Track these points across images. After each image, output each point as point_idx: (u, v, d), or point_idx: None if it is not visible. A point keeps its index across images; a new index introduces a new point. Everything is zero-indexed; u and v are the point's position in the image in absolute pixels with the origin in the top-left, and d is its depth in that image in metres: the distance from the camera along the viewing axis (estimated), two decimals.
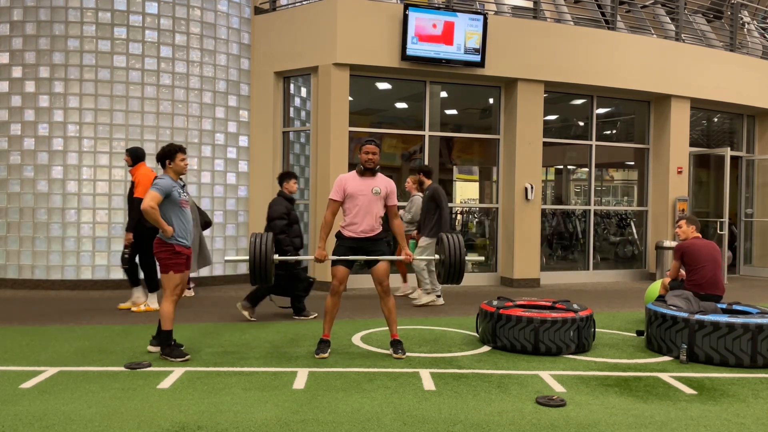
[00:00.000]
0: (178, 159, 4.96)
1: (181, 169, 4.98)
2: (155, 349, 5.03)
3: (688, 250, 5.73)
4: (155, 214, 4.74)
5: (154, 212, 4.73)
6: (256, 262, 4.81)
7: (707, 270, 5.61)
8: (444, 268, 4.98)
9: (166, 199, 4.82)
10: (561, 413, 3.75)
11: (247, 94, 9.63)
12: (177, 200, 4.90)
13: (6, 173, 8.67)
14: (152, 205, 4.73)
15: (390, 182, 5.08)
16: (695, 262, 5.66)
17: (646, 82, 10.27)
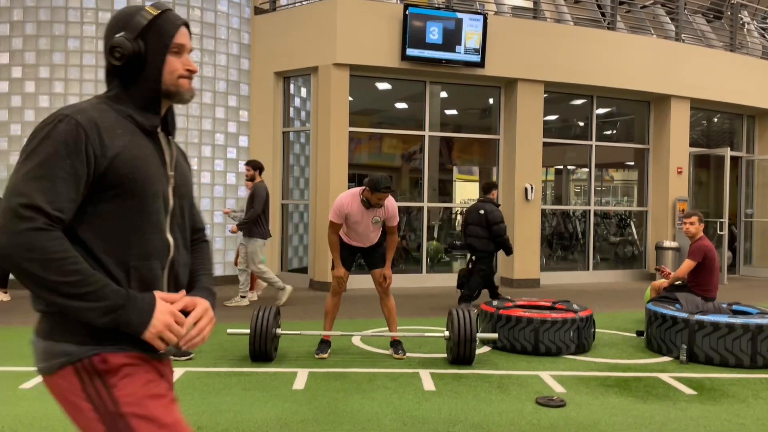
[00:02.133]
0: None
1: None
2: None
3: (711, 253, 5.56)
4: None
5: None
6: (257, 335, 4.71)
7: (716, 274, 5.69)
8: (452, 345, 4.73)
9: None
10: (561, 413, 3.75)
11: (247, 94, 9.63)
12: None
13: (6, 173, 8.67)
14: None
15: (391, 208, 4.89)
16: (711, 266, 5.62)
17: (646, 82, 10.27)
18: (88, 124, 1.32)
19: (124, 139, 1.37)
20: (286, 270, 9.62)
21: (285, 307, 7.18)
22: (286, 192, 9.70)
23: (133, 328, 1.29)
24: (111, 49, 1.39)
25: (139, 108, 1.43)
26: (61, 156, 1.27)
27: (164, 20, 1.44)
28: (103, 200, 1.34)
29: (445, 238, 10.68)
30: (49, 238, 1.21)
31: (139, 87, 1.43)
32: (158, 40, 1.43)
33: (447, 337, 4.84)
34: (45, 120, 1.33)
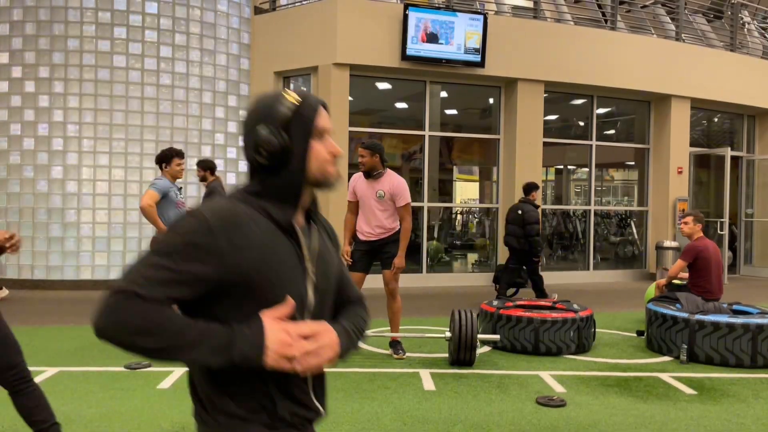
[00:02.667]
0: (174, 163, 5.04)
1: (176, 173, 5.07)
2: None
3: (703, 254, 5.52)
4: (153, 212, 4.83)
5: (151, 210, 4.82)
6: None
7: (713, 275, 5.55)
8: (453, 346, 4.72)
9: (163, 198, 4.92)
10: (561, 413, 3.74)
11: (246, 94, 9.63)
12: (174, 200, 4.98)
13: (6, 173, 8.67)
14: (150, 203, 4.82)
15: (396, 183, 4.93)
16: (706, 267, 5.52)
17: (646, 82, 10.27)
18: (218, 223, 1.24)
19: (257, 239, 1.28)
20: None
21: None
22: None
23: (252, 359, 1.21)
24: (256, 147, 1.31)
25: (277, 202, 1.34)
26: (180, 250, 1.22)
27: (305, 107, 1.36)
28: (228, 301, 1.27)
29: (445, 238, 10.68)
30: (141, 309, 1.18)
31: (282, 179, 1.34)
32: (302, 129, 1.35)
33: (448, 338, 4.83)
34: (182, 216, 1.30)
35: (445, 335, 4.88)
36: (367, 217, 5.00)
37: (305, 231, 1.41)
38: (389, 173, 4.99)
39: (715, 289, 5.55)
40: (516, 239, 7.53)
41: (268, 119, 1.33)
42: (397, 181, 4.94)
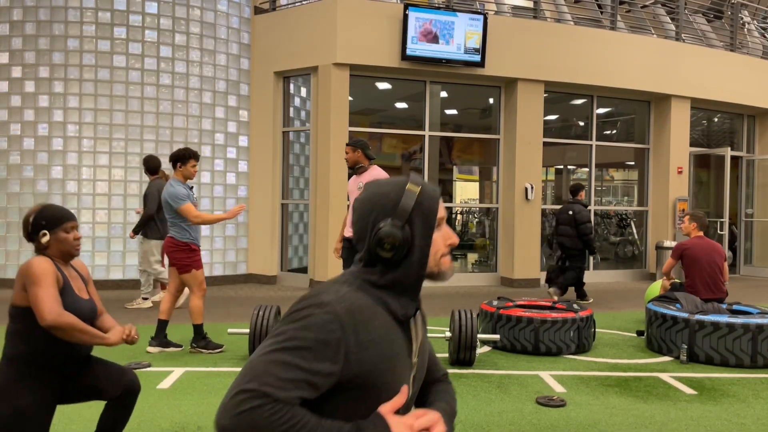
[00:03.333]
0: (189, 164, 5.07)
1: (189, 174, 5.10)
2: (154, 350, 5.06)
3: (688, 251, 5.64)
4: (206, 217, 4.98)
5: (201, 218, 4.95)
6: (257, 335, 4.71)
7: (704, 273, 5.55)
8: (453, 346, 4.72)
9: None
10: (561, 413, 3.74)
11: (246, 94, 9.63)
12: (194, 203, 5.07)
13: (6, 173, 8.67)
14: (195, 214, 4.93)
15: (376, 175, 4.98)
16: (692, 263, 5.60)
17: (646, 82, 10.27)
18: (348, 319, 1.22)
19: (378, 334, 1.26)
20: (286, 270, 9.62)
21: (285, 307, 7.17)
22: (285, 192, 9.70)
23: None
24: (379, 241, 1.28)
25: (397, 294, 1.32)
26: (310, 347, 1.18)
27: (426, 197, 1.32)
28: (339, 397, 1.25)
29: None
30: (271, 414, 1.14)
31: (402, 273, 1.31)
32: (424, 221, 1.32)
33: (448, 338, 4.83)
34: (304, 301, 1.24)
35: (445, 335, 4.88)
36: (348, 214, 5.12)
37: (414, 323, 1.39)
38: (373, 168, 5.11)
39: (702, 288, 5.53)
40: (569, 239, 7.81)
41: (390, 211, 1.31)
42: (377, 174, 5.02)
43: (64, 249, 2.51)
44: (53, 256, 2.51)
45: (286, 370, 1.16)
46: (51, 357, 2.41)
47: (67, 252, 2.52)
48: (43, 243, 2.47)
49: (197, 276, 5.00)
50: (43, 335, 2.39)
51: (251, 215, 9.59)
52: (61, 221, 2.49)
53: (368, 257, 1.33)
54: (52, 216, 2.48)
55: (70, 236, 2.50)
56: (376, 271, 1.32)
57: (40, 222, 2.48)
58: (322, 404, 1.24)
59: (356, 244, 1.36)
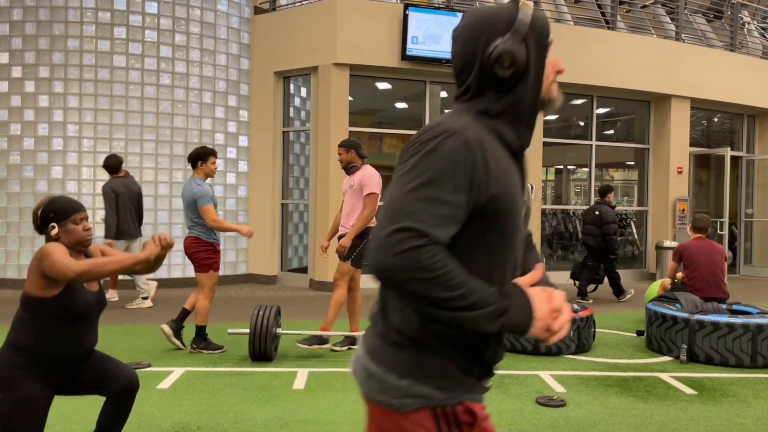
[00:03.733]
0: (209, 162, 5.16)
1: (211, 171, 5.18)
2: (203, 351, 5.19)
3: (686, 252, 5.76)
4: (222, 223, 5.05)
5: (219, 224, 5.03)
6: (257, 335, 4.73)
7: (704, 272, 5.61)
8: None
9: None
10: (561, 413, 3.74)
11: (247, 94, 9.63)
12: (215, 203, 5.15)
13: (6, 173, 8.67)
14: (214, 218, 4.99)
15: (366, 174, 5.07)
16: (692, 263, 5.69)
17: (646, 82, 10.27)
18: (477, 145, 1.16)
19: (502, 164, 1.21)
20: (286, 270, 9.62)
21: (285, 307, 7.18)
22: (285, 192, 9.70)
23: (521, 326, 1.16)
24: (498, 58, 1.19)
25: (511, 123, 1.25)
26: (450, 178, 1.13)
27: (539, 18, 1.24)
28: (474, 228, 1.21)
29: None
30: (431, 256, 1.10)
31: (516, 97, 1.24)
32: (538, 41, 1.24)
33: None
34: (429, 131, 1.17)
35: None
36: (345, 211, 5.18)
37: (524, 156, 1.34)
38: (365, 167, 5.17)
39: (702, 287, 5.61)
40: (593, 238, 8.01)
41: (507, 29, 1.21)
42: (367, 172, 5.10)
43: (74, 240, 2.52)
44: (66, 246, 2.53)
45: (434, 205, 1.12)
46: (56, 349, 2.43)
47: (77, 243, 2.53)
48: (53, 236, 2.50)
49: (212, 277, 5.07)
50: (51, 327, 2.41)
51: (251, 215, 9.59)
52: (68, 213, 2.51)
53: (478, 85, 1.25)
54: (60, 208, 2.51)
55: (79, 227, 2.53)
56: (488, 99, 1.24)
57: (48, 215, 2.50)
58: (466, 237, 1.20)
59: (459, 75, 1.28)
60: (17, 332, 2.44)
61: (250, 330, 4.71)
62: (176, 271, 8.98)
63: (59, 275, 2.33)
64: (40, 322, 2.42)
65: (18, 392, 2.36)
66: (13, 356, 2.41)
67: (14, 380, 2.37)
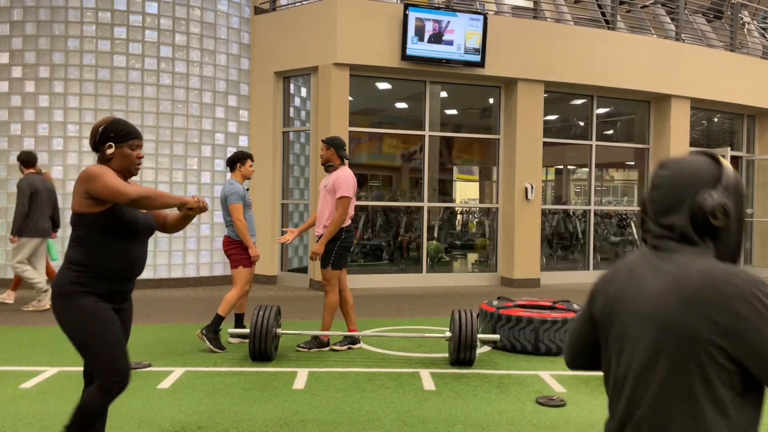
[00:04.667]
0: (247, 164, 5.39)
1: (248, 173, 5.40)
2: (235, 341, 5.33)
3: None
4: (243, 228, 5.17)
5: (242, 225, 5.16)
6: (257, 335, 4.74)
7: None
8: (453, 346, 4.72)
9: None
10: (561, 413, 3.75)
11: (247, 94, 9.63)
12: (248, 203, 5.30)
13: (6, 173, 8.67)
14: (240, 218, 5.16)
15: (339, 176, 5.11)
16: None
17: (646, 82, 10.27)
18: None
19: None
20: (286, 270, 9.62)
21: (285, 307, 7.18)
22: (286, 192, 9.70)
23: None
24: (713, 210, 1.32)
25: None
26: None
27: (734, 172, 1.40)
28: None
29: (445, 238, 10.69)
30: None
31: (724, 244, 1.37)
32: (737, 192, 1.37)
33: (448, 338, 4.83)
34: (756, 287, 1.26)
35: (445, 335, 4.88)
36: (318, 210, 5.26)
37: None
38: (342, 168, 5.21)
39: None
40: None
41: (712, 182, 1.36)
42: (342, 174, 5.12)
43: (126, 164, 2.54)
44: (115, 170, 2.54)
45: None
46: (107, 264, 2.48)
47: (127, 168, 2.56)
48: (108, 155, 2.52)
49: (243, 274, 5.24)
50: (102, 242, 2.46)
51: None
52: (129, 137, 2.54)
53: (689, 230, 1.37)
54: (121, 130, 2.53)
55: (134, 153, 2.55)
56: (706, 246, 1.36)
57: (108, 134, 2.52)
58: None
59: (661, 216, 1.41)
60: (71, 251, 2.49)
61: (251, 330, 4.72)
62: (176, 271, 8.98)
63: (115, 197, 2.37)
64: (92, 237, 2.46)
65: (77, 304, 2.44)
66: (68, 273, 2.47)
67: (70, 295, 2.45)
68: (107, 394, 2.47)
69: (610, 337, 1.43)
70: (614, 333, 1.42)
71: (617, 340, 1.40)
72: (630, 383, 1.35)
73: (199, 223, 9.12)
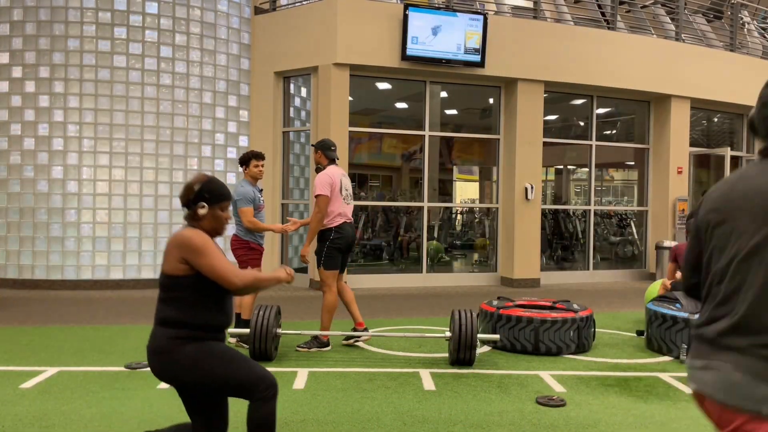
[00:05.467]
0: (251, 165, 5.40)
1: (255, 174, 5.42)
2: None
3: (680, 251, 5.93)
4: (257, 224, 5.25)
5: (255, 224, 5.23)
6: (257, 335, 4.74)
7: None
8: (453, 346, 4.72)
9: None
10: (561, 413, 3.75)
11: (247, 94, 9.63)
12: (257, 205, 5.32)
13: (6, 173, 8.67)
14: (251, 219, 5.21)
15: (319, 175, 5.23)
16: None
17: (646, 82, 10.27)
18: None
19: None
20: None
21: (285, 307, 7.18)
22: (286, 192, 9.70)
23: None
24: None
25: None
26: None
27: None
28: None
29: (445, 238, 10.69)
30: None
31: None
32: None
33: (448, 338, 4.83)
34: None
35: (445, 335, 4.88)
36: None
37: None
38: (327, 168, 5.27)
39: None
40: None
41: None
42: (320, 173, 5.23)
43: (216, 226, 2.53)
44: (203, 230, 2.51)
45: None
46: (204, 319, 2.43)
47: (216, 230, 2.54)
48: (200, 214, 2.49)
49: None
50: (196, 302, 2.42)
51: None
52: (222, 198, 2.53)
53: None
54: (217, 192, 2.51)
55: (224, 215, 2.54)
56: None
57: (203, 194, 2.49)
58: None
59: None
60: (163, 313, 2.43)
61: (251, 330, 4.72)
62: None
63: (220, 282, 2.37)
64: (188, 297, 2.41)
65: (184, 353, 2.38)
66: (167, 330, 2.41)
67: (173, 350, 2.38)
68: (269, 402, 2.43)
69: (714, 237, 1.53)
70: (719, 232, 1.51)
71: (721, 238, 1.50)
72: (732, 270, 1.45)
73: None
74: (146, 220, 8.81)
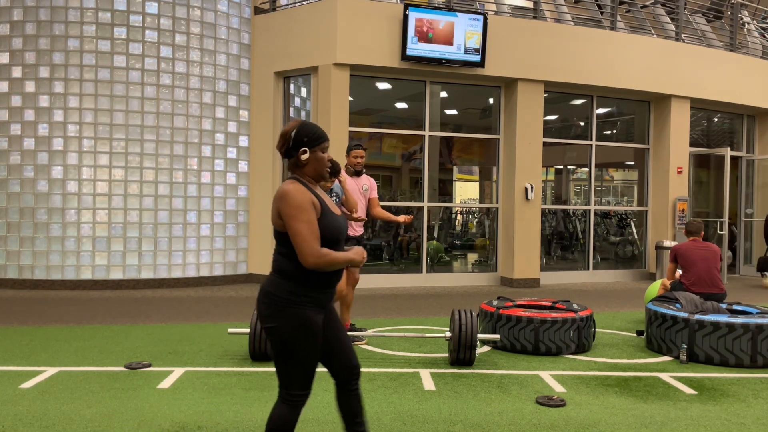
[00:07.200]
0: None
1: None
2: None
3: (680, 251, 5.96)
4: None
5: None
6: (257, 335, 4.74)
7: (699, 269, 5.78)
8: (453, 346, 4.72)
9: None
10: (561, 413, 3.75)
11: (247, 94, 9.63)
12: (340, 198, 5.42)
13: (6, 173, 8.68)
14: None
15: (372, 179, 5.74)
16: (686, 262, 5.88)
17: (646, 82, 10.27)
18: None
19: None
20: None
21: None
22: None
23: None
24: None
25: None
26: None
27: None
28: None
29: (445, 238, 10.69)
30: None
31: None
32: None
33: (448, 338, 4.83)
34: None
35: (445, 335, 4.88)
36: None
37: None
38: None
39: (698, 283, 5.77)
40: None
41: None
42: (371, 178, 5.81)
43: (318, 169, 2.45)
44: (307, 176, 2.45)
45: None
46: (315, 275, 2.36)
47: (320, 173, 2.46)
48: (303, 160, 2.41)
49: None
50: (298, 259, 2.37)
51: (251, 215, 9.60)
52: (321, 139, 2.43)
53: None
54: (314, 133, 2.42)
55: (325, 156, 2.45)
56: None
57: (302, 138, 2.40)
58: None
59: None
60: (280, 263, 2.39)
61: (251, 330, 4.71)
62: (176, 271, 8.99)
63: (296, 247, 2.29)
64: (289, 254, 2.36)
65: (296, 314, 2.33)
66: (284, 282, 2.36)
67: (288, 305, 2.33)
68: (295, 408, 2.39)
69: None
70: None
71: None
72: None
73: (199, 224, 9.12)
74: (146, 220, 8.82)
